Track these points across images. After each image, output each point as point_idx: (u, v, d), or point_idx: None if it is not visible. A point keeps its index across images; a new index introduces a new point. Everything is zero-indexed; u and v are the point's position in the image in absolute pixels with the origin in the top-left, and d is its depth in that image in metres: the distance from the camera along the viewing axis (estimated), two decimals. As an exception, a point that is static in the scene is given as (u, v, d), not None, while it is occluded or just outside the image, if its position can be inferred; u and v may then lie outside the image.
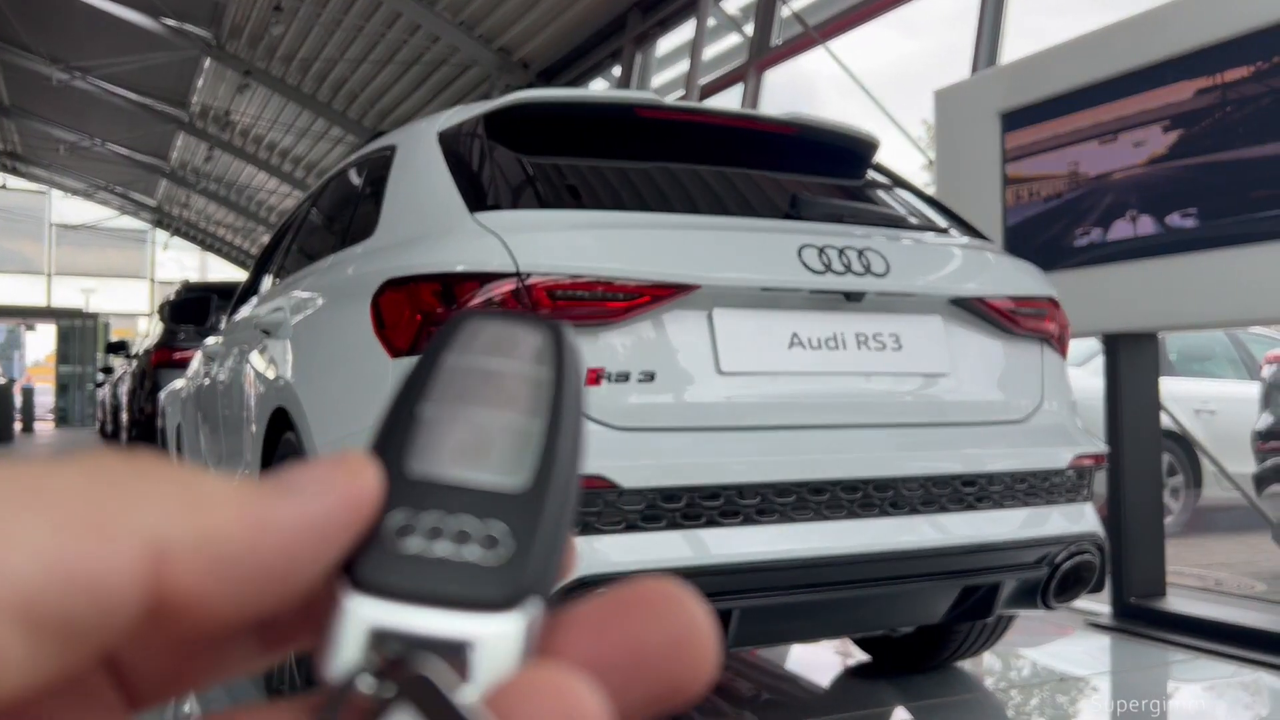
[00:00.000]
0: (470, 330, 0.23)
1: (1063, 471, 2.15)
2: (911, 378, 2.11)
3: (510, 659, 0.19)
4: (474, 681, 0.19)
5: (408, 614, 0.19)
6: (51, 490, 0.17)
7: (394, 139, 2.57)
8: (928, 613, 2.12)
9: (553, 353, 0.23)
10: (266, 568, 0.18)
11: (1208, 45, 2.88)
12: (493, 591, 0.19)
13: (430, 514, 0.20)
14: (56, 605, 0.16)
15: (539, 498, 0.21)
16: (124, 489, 0.17)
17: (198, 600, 0.17)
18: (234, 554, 0.18)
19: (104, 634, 0.17)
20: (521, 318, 0.24)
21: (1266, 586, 3.99)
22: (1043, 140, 3.38)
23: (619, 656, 0.20)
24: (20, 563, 0.15)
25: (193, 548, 0.17)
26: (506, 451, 0.21)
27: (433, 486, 0.21)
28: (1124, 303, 3.13)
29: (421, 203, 2.22)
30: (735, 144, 2.47)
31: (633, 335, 1.88)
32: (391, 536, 0.20)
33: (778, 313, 2.00)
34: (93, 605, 0.16)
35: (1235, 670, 2.75)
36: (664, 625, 0.20)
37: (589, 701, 0.18)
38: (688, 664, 0.20)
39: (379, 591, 0.19)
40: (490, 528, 0.20)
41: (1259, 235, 2.77)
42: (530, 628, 0.20)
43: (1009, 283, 2.27)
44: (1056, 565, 2.09)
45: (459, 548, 0.20)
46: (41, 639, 0.16)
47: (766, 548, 1.83)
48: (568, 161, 2.26)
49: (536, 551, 0.20)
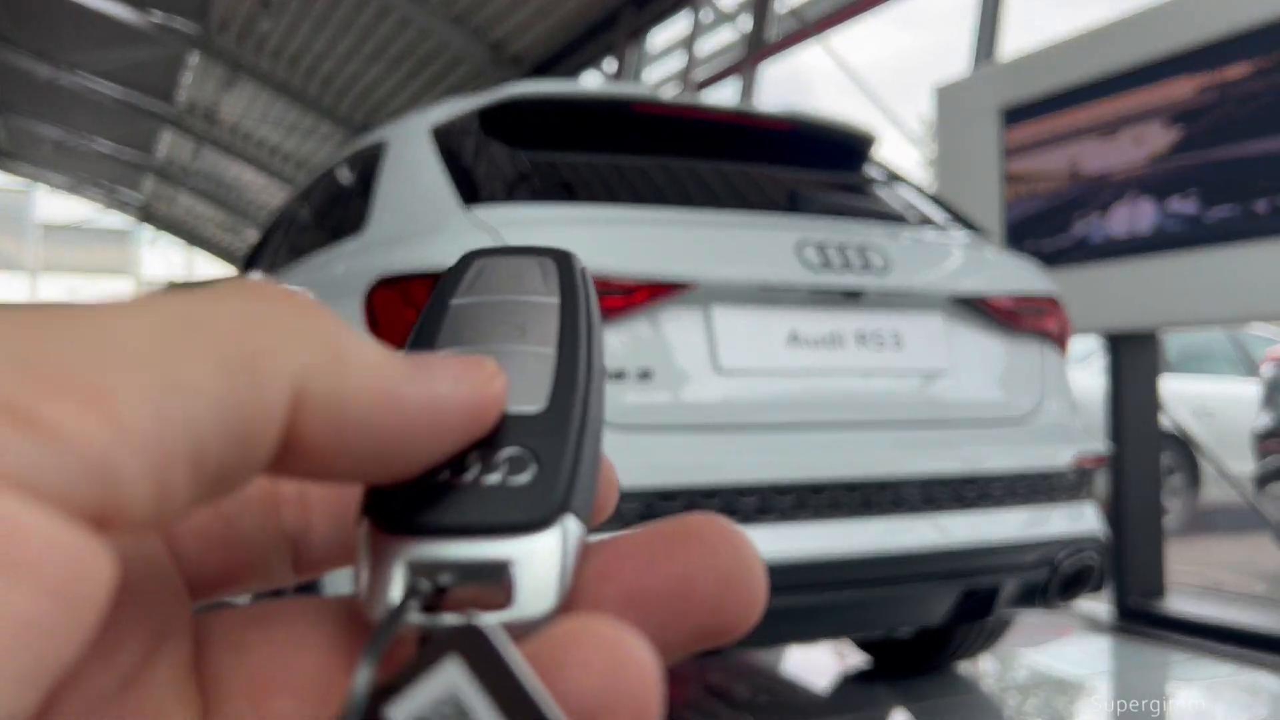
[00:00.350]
0: (476, 268, 0.23)
1: (1063, 471, 2.13)
2: (911, 376, 2.08)
3: (552, 577, 0.19)
4: (518, 604, 0.19)
5: (442, 547, 0.19)
6: (212, 326, 0.16)
7: (385, 133, 2.54)
8: (927, 614, 2.10)
9: (559, 278, 0.23)
10: (382, 441, 0.18)
11: (1209, 41, 2.87)
12: (523, 512, 0.19)
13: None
14: (216, 447, 0.16)
15: (557, 417, 0.20)
16: (276, 328, 0.17)
17: (312, 455, 0.18)
18: (359, 419, 0.18)
19: (243, 474, 0.17)
20: (526, 250, 0.24)
21: (1266, 587, 3.99)
22: (1043, 136, 3.37)
23: (668, 588, 0.20)
24: (192, 406, 0.15)
25: (325, 402, 0.17)
26: (521, 379, 0.21)
27: None
28: (1125, 300, 3.12)
29: (413, 198, 2.18)
30: (732, 140, 2.45)
31: (629, 333, 1.85)
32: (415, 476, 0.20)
33: (776, 310, 1.98)
34: (242, 446, 0.16)
35: (1235, 670, 2.75)
36: (715, 560, 0.20)
37: (638, 652, 0.18)
38: (736, 601, 0.20)
39: (410, 530, 0.19)
40: (508, 452, 0.20)
41: (1261, 231, 2.76)
42: (569, 545, 0.19)
43: (1010, 280, 2.25)
44: (1057, 566, 2.07)
45: (483, 475, 0.20)
46: (199, 480, 0.16)
47: (766, 548, 1.80)
48: (562, 156, 2.23)
49: (562, 468, 0.20)
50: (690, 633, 0.20)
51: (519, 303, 0.23)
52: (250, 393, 0.16)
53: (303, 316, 0.18)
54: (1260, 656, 2.79)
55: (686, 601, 0.20)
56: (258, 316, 0.17)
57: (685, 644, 0.20)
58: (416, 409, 0.18)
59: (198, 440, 0.16)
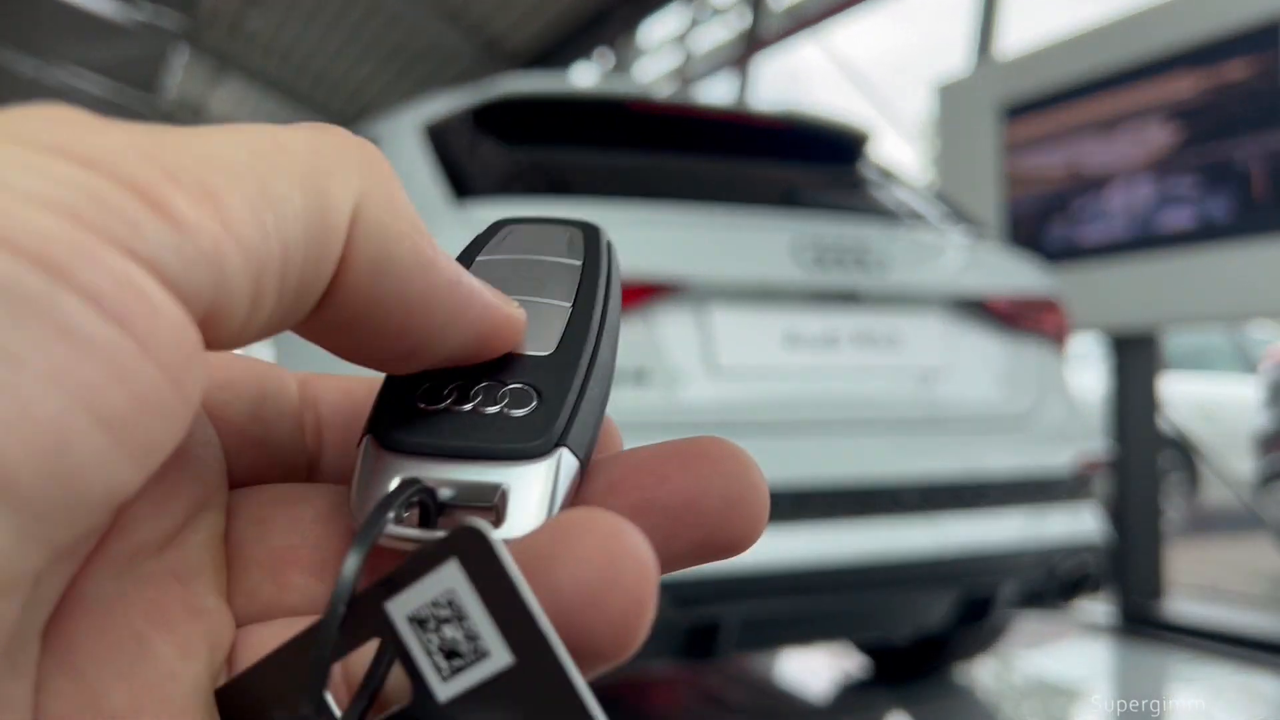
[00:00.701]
0: (505, 232, 0.25)
1: (1061, 472, 2.11)
2: (909, 376, 2.06)
3: (542, 505, 0.19)
4: (509, 526, 0.19)
5: (439, 468, 0.20)
6: (293, 149, 0.17)
7: (375, 129, 2.50)
8: (925, 618, 2.08)
9: (584, 245, 0.24)
10: (411, 302, 0.19)
11: (1210, 39, 2.85)
12: (519, 441, 0.20)
13: (456, 380, 0.21)
14: (297, 260, 0.17)
15: (564, 360, 0.21)
16: (343, 157, 0.18)
17: (353, 293, 0.18)
18: (397, 265, 0.18)
19: (309, 298, 0.18)
20: (555, 220, 0.25)
21: (1265, 589, 3.99)
22: (1044, 134, 3.35)
23: (674, 503, 0.20)
24: (282, 215, 0.17)
25: (375, 231, 0.18)
26: (536, 326, 0.22)
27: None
28: (1125, 297, 3.10)
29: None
30: (727, 137, 2.42)
31: (624, 333, 1.82)
32: (417, 401, 0.21)
33: (773, 310, 1.95)
34: (314, 264, 0.17)
35: (1234, 672, 2.75)
36: (722, 479, 0.21)
37: (633, 541, 0.18)
38: (740, 519, 0.20)
39: (407, 451, 0.20)
40: (512, 386, 0.21)
41: (1260, 229, 2.75)
42: (562, 477, 0.20)
43: (1009, 280, 2.23)
44: (1056, 569, 2.05)
45: (483, 405, 0.20)
46: (281, 295, 0.17)
47: (762, 552, 1.77)
48: (554, 154, 2.21)
49: (564, 404, 0.20)
50: (693, 546, 0.21)
51: (542, 262, 0.23)
52: (323, 211, 0.17)
53: (364, 152, 0.19)
54: (1260, 658, 2.79)
55: (692, 515, 0.20)
56: (329, 146, 0.18)
57: (688, 557, 0.21)
58: (445, 282, 0.19)
59: (285, 249, 0.17)
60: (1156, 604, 3.18)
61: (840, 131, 2.54)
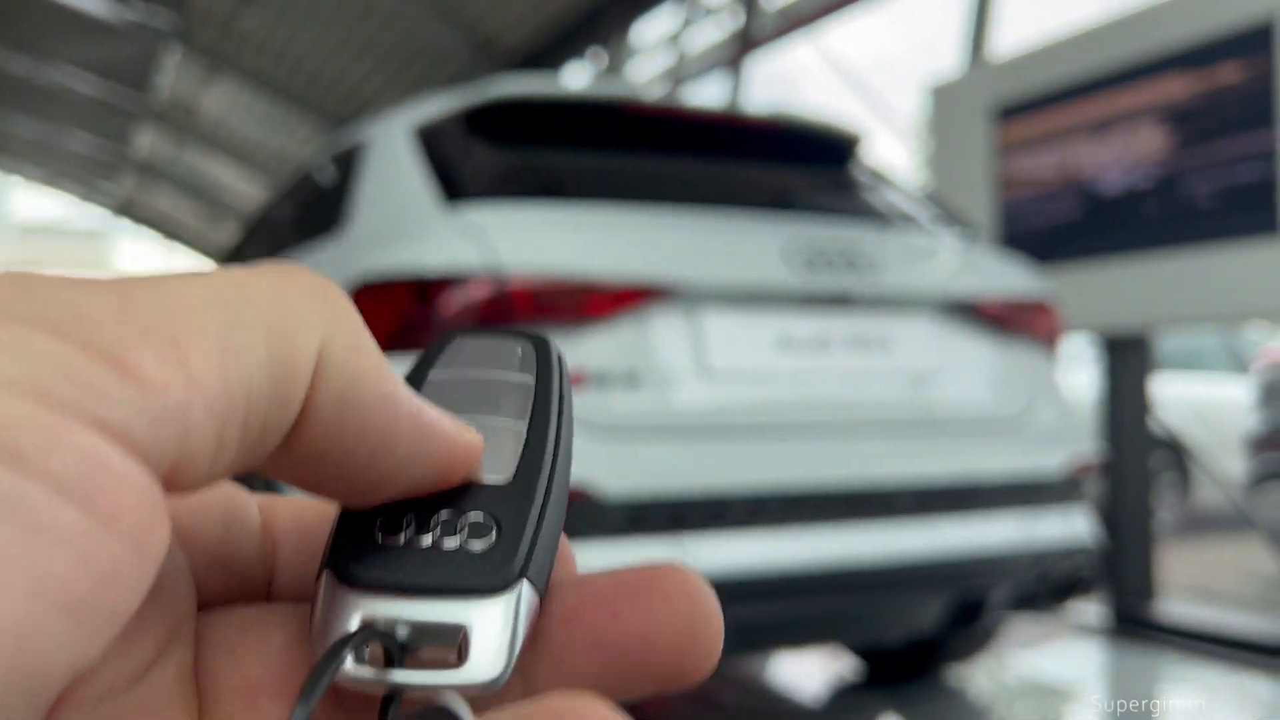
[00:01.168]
0: (456, 346, 0.25)
1: (1054, 475, 2.11)
2: (901, 379, 2.06)
3: (503, 644, 0.19)
4: (469, 667, 0.19)
5: (399, 605, 0.19)
6: (257, 297, 0.18)
7: (367, 131, 2.49)
8: (917, 621, 2.08)
9: (536, 360, 0.24)
10: (373, 439, 0.19)
11: (1203, 41, 2.86)
12: (479, 577, 0.20)
13: (413, 511, 0.21)
14: (261, 406, 0.17)
15: (522, 489, 0.21)
16: (307, 302, 0.19)
17: (316, 433, 0.19)
18: (361, 405, 0.19)
19: (272, 439, 0.18)
20: (506, 331, 0.25)
21: (1257, 590, 3.99)
22: (1036, 135, 3.35)
23: (629, 642, 0.21)
24: (246, 365, 0.17)
25: (339, 373, 0.18)
26: (492, 450, 0.22)
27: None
28: (1117, 298, 3.11)
29: (395, 198, 2.13)
30: (719, 140, 2.41)
31: (615, 337, 1.82)
32: (375, 533, 0.20)
33: (764, 313, 1.95)
34: (279, 407, 0.18)
35: (1225, 673, 2.75)
36: (676, 614, 0.21)
37: None
38: (695, 654, 0.21)
39: (367, 587, 0.20)
40: (471, 517, 0.21)
41: (1252, 231, 2.75)
42: (522, 612, 0.20)
43: (1001, 282, 2.23)
44: (1048, 571, 2.05)
45: (441, 538, 0.20)
46: (245, 439, 0.17)
47: (753, 556, 1.77)
48: (546, 157, 2.20)
49: (522, 537, 0.20)
50: (649, 680, 0.21)
51: (495, 380, 0.23)
52: (287, 357, 0.18)
53: (328, 295, 0.19)
54: (1252, 659, 2.80)
55: (646, 654, 0.21)
56: (293, 291, 0.19)
57: (645, 688, 0.21)
58: (408, 418, 0.20)
59: (249, 398, 0.17)
60: (1148, 605, 3.19)
61: (832, 133, 2.54)
